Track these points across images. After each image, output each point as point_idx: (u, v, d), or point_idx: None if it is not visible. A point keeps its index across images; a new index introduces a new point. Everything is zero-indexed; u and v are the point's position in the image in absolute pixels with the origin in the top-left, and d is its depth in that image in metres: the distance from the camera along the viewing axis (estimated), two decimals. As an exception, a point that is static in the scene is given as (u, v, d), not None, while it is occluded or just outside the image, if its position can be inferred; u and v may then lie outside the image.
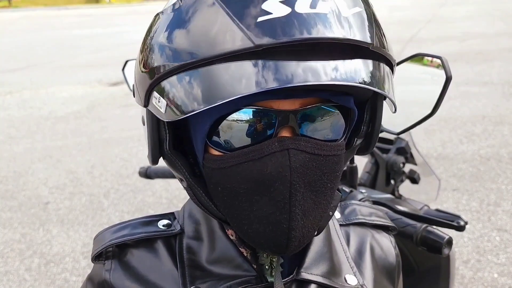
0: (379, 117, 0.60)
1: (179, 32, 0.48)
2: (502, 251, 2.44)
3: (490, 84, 5.41)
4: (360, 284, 0.63)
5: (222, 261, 0.59)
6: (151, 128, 0.55)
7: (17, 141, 4.61)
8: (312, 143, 0.51)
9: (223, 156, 0.52)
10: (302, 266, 0.60)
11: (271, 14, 0.44)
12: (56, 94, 6.51)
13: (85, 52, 10.13)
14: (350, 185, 1.08)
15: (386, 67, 0.51)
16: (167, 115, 0.48)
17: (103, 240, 0.64)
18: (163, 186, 3.35)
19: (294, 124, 0.51)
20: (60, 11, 25.27)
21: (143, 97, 0.53)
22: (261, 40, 0.43)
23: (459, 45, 7.94)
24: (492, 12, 11.94)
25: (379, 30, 0.50)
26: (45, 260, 2.64)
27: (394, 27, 10.16)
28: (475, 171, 3.30)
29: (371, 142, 0.61)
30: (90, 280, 0.65)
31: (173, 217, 0.67)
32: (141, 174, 1.38)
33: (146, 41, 0.53)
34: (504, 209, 2.81)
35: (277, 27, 0.44)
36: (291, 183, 0.50)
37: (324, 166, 0.52)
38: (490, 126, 4.12)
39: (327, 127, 0.54)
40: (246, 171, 0.51)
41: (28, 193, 3.47)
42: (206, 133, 0.52)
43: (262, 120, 0.51)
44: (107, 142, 4.40)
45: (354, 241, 0.70)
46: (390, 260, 0.71)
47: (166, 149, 0.56)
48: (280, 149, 0.50)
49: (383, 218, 0.75)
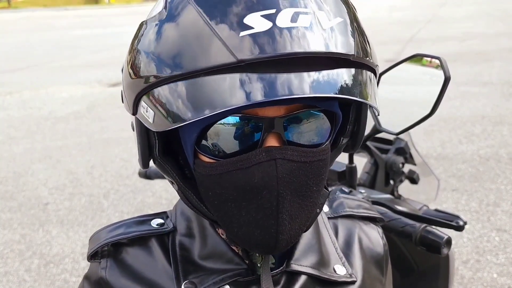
0: (364, 116, 0.61)
1: (164, 44, 0.49)
2: (502, 251, 2.44)
3: (490, 84, 5.41)
4: (348, 273, 0.65)
5: (213, 256, 0.61)
6: (140, 134, 0.56)
7: (16, 142, 4.61)
8: (299, 151, 0.52)
9: (213, 163, 0.53)
10: (292, 258, 0.62)
11: (253, 28, 0.45)
12: (56, 94, 6.51)
13: (84, 53, 10.13)
14: (349, 185, 1.08)
15: (368, 73, 0.52)
16: (155, 125, 0.50)
17: (98, 239, 0.65)
18: (163, 186, 3.35)
19: (280, 130, 0.52)
20: (60, 12, 25.27)
21: (131, 105, 0.54)
22: (243, 55, 0.44)
23: (459, 45, 7.94)
24: (491, 13, 11.95)
25: (362, 38, 0.51)
26: (45, 261, 2.64)
27: (394, 27, 10.17)
28: (475, 171, 3.31)
29: (357, 140, 0.62)
30: (86, 279, 0.66)
31: (166, 216, 0.69)
32: (141, 174, 1.38)
33: (132, 50, 0.54)
34: (504, 209, 2.81)
35: (259, 42, 0.45)
36: (278, 192, 0.51)
37: (309, 171, 0.53)
38: (489, 126, 4.12)
39: (313, 131, 0.55)
40: (234, 179, 0.52)
41: (28, 193, 3.47)
42: (194, 140, 0.54)
43: (248, 126, 0.52)
44: (107, 143, 4.40)
45: (342, 233, 0.71)
46: (378, 250, 0.73)
47: (156, 155, 0.57)
48: (267, 159, 0.51)
49: (370, 209, 0.77)
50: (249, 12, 0.46)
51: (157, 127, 0.50)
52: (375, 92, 0.53)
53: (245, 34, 0.45)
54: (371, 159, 1.26)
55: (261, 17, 0.46)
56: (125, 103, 0.57)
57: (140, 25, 0.55)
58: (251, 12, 0.46)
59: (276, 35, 0.45)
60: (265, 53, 0.44)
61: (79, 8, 27.52)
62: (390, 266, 0.78)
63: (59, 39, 12.73)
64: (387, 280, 0.75)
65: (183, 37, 0.48)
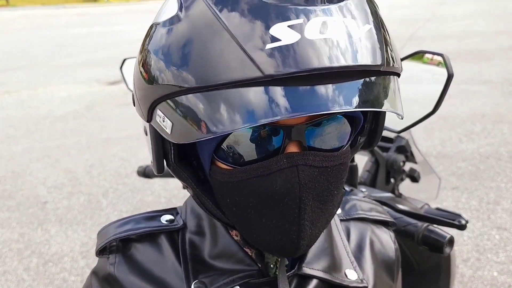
0: (383, 115, 0.60)
1: (185, 53, 0.46)
2: (502, 250, 2.43)
3: (490, 83, 5.41)
4: (360, 278, 0.64)
5: (224, 256, 0.60)
6: (155, 142, 0.55)
7: (15, 141, 4.59)
8: (320, 156, 0.51)
9: (231, 170, 0.52)
10: (303, 261, 0.61)
11: (280, 41, 0.42)
12: (55, 93, 6.49)
13: (83, 51, 10.11)
14: (350, 184, 1.08)
15: (395, 80, 0.50)
16: (174, 137, 0.48)
17: (107, 234, 0.64)
18: (162, 185, 3.34)
19: (302, 137, 0.51)
20: (58, 10, 25.21)
21: (146, 112, 0.52)
22: (270, 70, 0.42)
23: (458, 43, 7.93)
24: (491, 11, 11.94)
25: (389, 44, 0.49)
26: (44, 260, 2.63)
27: (394, 25, 10.15)
28: (475, 170, 3.30)
29: (374, 138, 0.61)
30: (94, 274, 0.65)
31: (176, 212, 0.67)
32: (140, 173, 1.37)
33: (145, 53, 0.51)
34: (504, 208, 2.81)
35: (287, 56, 0.42)
36: (300, 198, 0.50)
37: (331, 176, 0.52)
38: (489, 125, 4.11)
39: (334, 134, 0.54)
40: (255, 186, 0.51)
41: (27, 192, 3.46)
42: (213, 149, 0.52)
43: (269, 134, 0.50)
44: (105, 142, 4.39)
45: (354, 236, 0.70)
46: (389, 255, 0.72)
47: (172, 161, 0.56)
48: (289, 165, 0.49)
49: (383, 213, 0.76)
50: (276, 22, 0.43)
51: (176, 139, 0.47)
52: (400, 97, 0.52)
53: (272, 47, 0.42)
54: (372, 157, 1.26)
55: (288, 28, 0.43)
56: (137, 107, 0.55)
57: (152, 26, 0.52)
58: (277, 22, 0.43)
59: (304, 49, 0.42)
60: (293, 68, 0.42)
61: (77, 6, 27.48)
62: (400, 273, 0.76)
63: (58, 38, 12.70)
64: (397, 286, 0.74)
65: (206, 47, 0.45)
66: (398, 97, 0.50)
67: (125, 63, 1.24)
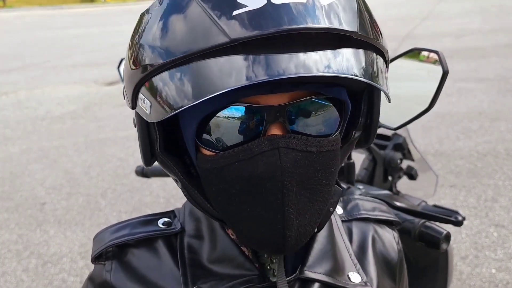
0: (377, 108, 0.58)
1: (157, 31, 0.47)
2: (500, 247, 2.44)
3: (486, 80, 5.42)
4: (363, 281, 0.62)
5: (223, 260, 0.58)
6: (141, 129, 0.55)
7: (13, 142, 4.59)
8: (304, 140, 0.49)
9: (214, 156, 0.51)
10: (305, 264, 0.59)
11: (246, 6, 0.43)
12: (52, 94, 6.48)
13: (80, 52, 10.09)
14: (347, 181, 1.08)
15: (376, 56, 0.49)
16: (152, 116, 0.48)
17: (102, 240, 0.63)
18: (160, 185, 3.34)
19: (284, 118, 0.49)
20: (55, 11, 25.15)
21: (130, 99, 0.52)
22: (236, 34, 0.42)
23: (455, 41, 7.95)
24: (488, 9, 11.96)
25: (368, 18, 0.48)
26: (43, 261, 2.62)
27: (390, 23, 10.16)
28: (472, 167, 3.31)
29: (370, 134, 0.59)
30: (90, 281, 0.64)
31: (173, 215, 0.66)
32: (138, 173, 1.37)
33: (130, 41, 0.53)
34: (502, 205, 2.82)
35: (252, 20, 0.42)
36: (282, 183, 0.48)
37: (317, 163, 0.50)
38: (486, 122, 4.13)
39: (320, 121, 0.52)
40: (237, 171, 0.49)
41: (25, 193, 3.46)
42: (194, 132, 0.52)
43: (250, 116, 0.49)
44: (103, 142, 4.39)
45: (356, 237, 0.68)
46: (391, 255, 0.70)
47: (157, 150, 0.55)
48: (270, 148, 0.48)
49: (387, 212, 0.74)
50: None
51: (153, 118, 0.47)
52: (386, 77, 0.50)
53: (238, 13, 0.43)
54: (369, 155, 1.26)
55: None
56: (126, 99, 0.55)
57: (138, 18, 0.54)
58: None
59: (271, 12, 0.42)
60: (259, 31, 0.42)
61: (74, 7, 27.40)
62: (405, 273, 0.74)
63: (55, 38, 12.67)
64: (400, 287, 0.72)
65: (176, 21, 0.46)
66: (381, 73, 0.49)
67: (122, 63, 1.24)
